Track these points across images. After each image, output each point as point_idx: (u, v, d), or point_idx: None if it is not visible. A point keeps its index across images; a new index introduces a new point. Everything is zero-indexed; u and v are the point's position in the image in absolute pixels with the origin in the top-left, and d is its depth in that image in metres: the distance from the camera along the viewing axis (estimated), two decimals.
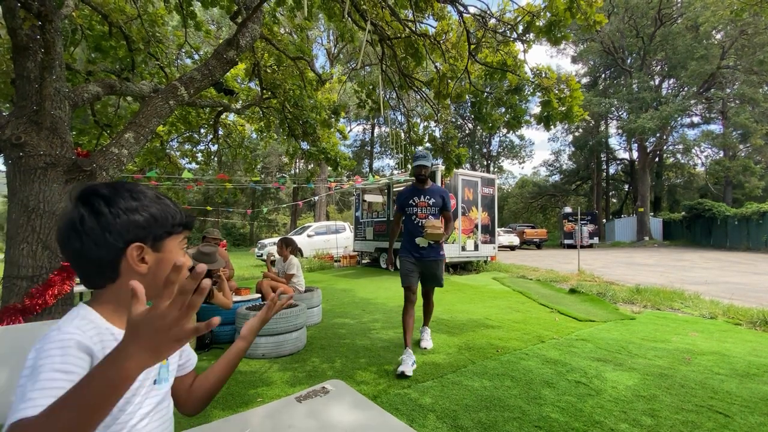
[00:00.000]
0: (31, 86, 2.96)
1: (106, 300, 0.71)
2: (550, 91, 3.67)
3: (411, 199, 3.39)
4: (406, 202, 3.40)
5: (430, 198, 3.37)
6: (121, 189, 0.70)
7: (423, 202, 3.36)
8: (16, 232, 2.72)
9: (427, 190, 3.39)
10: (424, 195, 3.38)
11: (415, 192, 3.41)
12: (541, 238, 23.55)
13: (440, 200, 3.38)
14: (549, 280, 8.05)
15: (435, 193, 3.40)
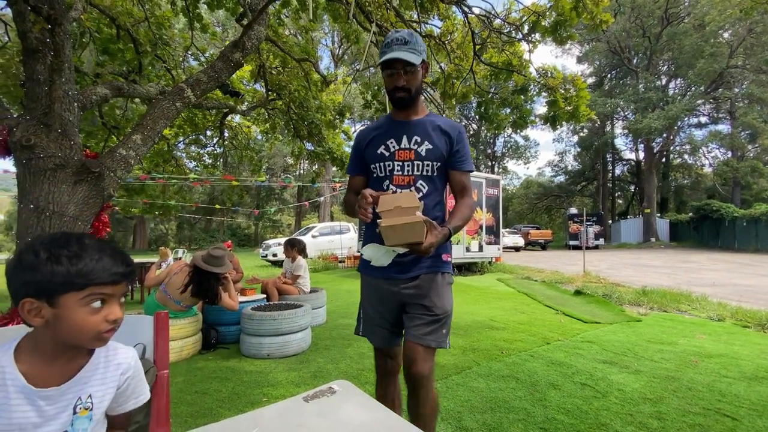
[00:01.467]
0: (40, 89, 3.00)
1: (27, 339, 0.75)
2: (557, 90, 3.66)
3: (381, 145, 1.52)
4: (372, 152, 1.53)
5: (423, 141, 1.49)
6: (38, 245, 0.71)
7: (405, 151, 1.49)
8: (27, 232, 2.76)
9: (415, 125, 1.52)
10: (409, 134, 1.50)
11: (391, 129, 1.53)
12: (546, 239, 23.47)
13: (444, 145, 1.50)
14: (554, 282, 8.01)
15: (432, 129, 1.51)
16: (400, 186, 1.48)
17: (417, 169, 1.48)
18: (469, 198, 1.54)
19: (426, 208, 1.45)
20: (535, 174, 43.29)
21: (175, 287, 3.24)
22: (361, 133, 1.62)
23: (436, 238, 1.30)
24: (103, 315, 0.71)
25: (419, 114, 1.53)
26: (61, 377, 0.76)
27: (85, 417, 0.77)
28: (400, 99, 1.45)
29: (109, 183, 3.01)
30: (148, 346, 1.10)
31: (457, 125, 1.55)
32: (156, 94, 4.10)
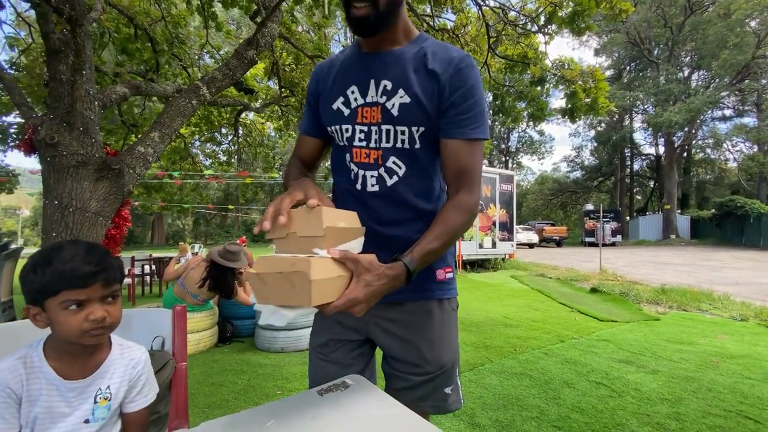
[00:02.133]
0: (63, 88, 3.09)
1: (50, 338, 0.80)
2: (575, 82, 3.58)
3: (339, 96, 0.91)
4: (326, 106, 0.93)
5: (395, 88, 0.85)
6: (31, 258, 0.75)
7: (370, 108, 0.87)
8: (51, 228, 2.85)
9: (388, 60, 0.88)
10: (377, 77, 0.87)
11: (355, 68, 0.91)
12: (561, 236, 23.11)
13: (432, 94, 0.84)
14: (569, 279, 7.89)
15: (415, 66, 0.86)
16: (363, 166, 0.89)
17: (386, 138, 0.86)
18: (468, 194, 0.84)
19: (402, 203, 0.89)
20: (550, 169, 42.62)
21: (193, 282, 3.32)
22: (317, 70, 1.00)
23: (368, 289, 0.67)
24: (83, 316, 0.73)
25: (399, 41, 0.88)
26: (84, 371, 0.80)
27: (104, 407, 0.80)
28: (360, 20, 0.79)
29: (128, 179, 3.09)
30: (167, 339, 1.14)
31: (458, 56, 0.85)
32: (173, 92, 4.17)
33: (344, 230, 0.71)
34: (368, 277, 0.68)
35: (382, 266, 0.71)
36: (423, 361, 0.90)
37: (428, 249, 0.77)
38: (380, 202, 0.90)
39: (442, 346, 0.91)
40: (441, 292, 0.93)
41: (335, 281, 0.64)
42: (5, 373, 0.73)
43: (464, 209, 0.83)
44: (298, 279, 0.59)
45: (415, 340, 0.90)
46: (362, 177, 0.90)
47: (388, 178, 0.89)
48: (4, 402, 0.72)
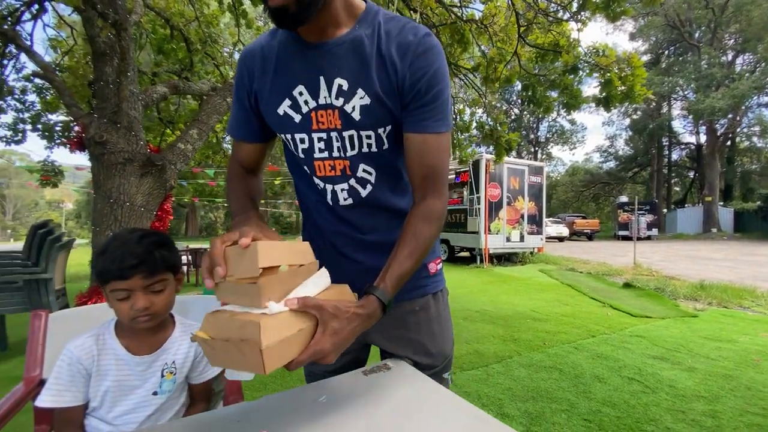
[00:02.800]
0: (109, 89, 3.29)
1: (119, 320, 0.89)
2: (610, 70, 3.46)
3: (285, 98, 0.75)
4: (270, 110, 0.78)
5: (353, 88, 0.72)
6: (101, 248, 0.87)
7: (326, 111, 0.74)
8: (101, 221, 3.07)
9: (335, 51, 0.72)
10: (328, 74, 0.73)
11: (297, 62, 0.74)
12: (592, 229, 22.37)
13: (392, 88, 0.72)
14: (601, 274, 7.68)
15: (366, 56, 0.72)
16: (328, 180, 0.81)
17: (350, 145, 0.76)
18: (436, 199, 0.76)
19: (379, 209, 0.83)
20: (582, 160, 41.10)
21: None
22: (245, 59, 0.81)
23: (336, 338, 0.59)
24: (129, 305, 0.81)
25: (343, 22, 0.73)
26: (151, 348, 0.89)
27: (170, 380, 0.90)
28: (278, 10, 0.63)
29: (170, 175, 3.27)
30: None
31: (416, 39, 0.72)
32: (208, 90, 4.34)
33: (293, 269, 0.59)
34: (335, 324, 0.59)
35: (352, 306, 0.62)
36: (428, 357, 0.88)
37: (402, 272, 0.69)
38: (356, 213, 0.82)
39: (443, 338, 0.91)
40: (434, 285, 0.91)
41: (296, 337, 0.55)
42: (78, 350, 0.83)
43: (434, 218, 0.75)
44: (247, 347, 0.50)
45: (417, 337, 0.87)
46: (331, 192, 0.81)
47: (362, 189, 0.80)
48: (75, 375, 0.82)
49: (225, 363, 0.54)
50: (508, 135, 4.48)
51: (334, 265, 0.71)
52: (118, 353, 0.86)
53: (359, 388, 0.70)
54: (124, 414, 0.85)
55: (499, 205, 9.55)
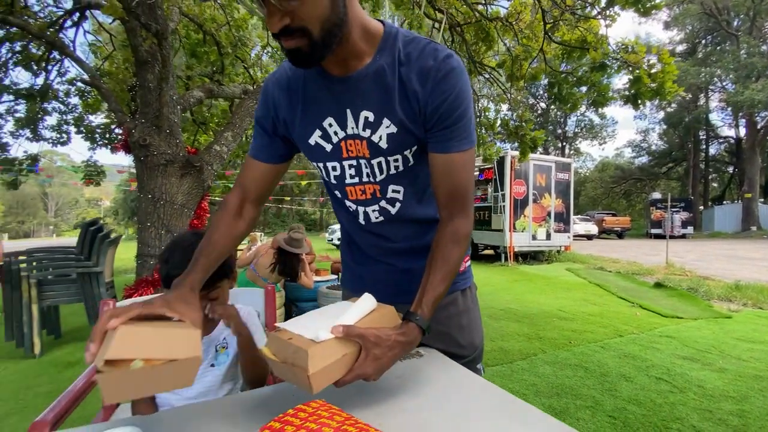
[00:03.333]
0: (151, 95, 3.51)
1: None
2: (639, 66, 3.38)
3: (315, 129, 0.80)
4: (302, 138, 0.82)
5: (379, 118, 0.76)
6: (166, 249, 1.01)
7: (354, 141, 0.79)
8: (146, 219, 3.29)
9: (360, 86, 0.75)
10: (354, 107, 0.76)
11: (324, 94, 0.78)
12: (623, 227, 21.64)
13: (416, 115, 0.75)
14: (631, 273, 7.49)
15: (389, 86, 0.74)
16: (360, 203, 0.87)
17: (379, 170, 0.81)
18: (464, 219, 0.79)
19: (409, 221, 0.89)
20: (613, 155, 39.71)
21: (264, 267, 3.65)
22: (273, 89, 0.83)
23: (377, 363, 0.65)
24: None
25: (363, 52, 0.74)
26: (206, 331, 1.01)
27: (223, 353, 1.02)
28: (293, 52, 0.65)
29: (207, 175, 3.47)
30: (261, 313, 1.36)
31: (436, 64, 0.73)
32: (240, 93, 4.53)
33: (162, 366, 0.52)
34: (377, 351, 0.64)
35: (393, 334, 0.67)
36: (459, 348, 0.94)
37: (436, 296, 0.73)
38: (387, 227, 0.89)
39: (472, 330, 0.96)
40: (463, 282, 0.97)
41: (340, 361, 0.62)
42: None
43: (462, 239, 0.78)
44: (299, 370, 0.58)
45: (447, 330, 0.93)
46: (363, 213, 0.87)
47: (391, 208, 0.86)
48: None
49: (284, 377, 0.64)
50: (533, 133, 4.45)
51: (372, 269, 0.79)
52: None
53: (396, 371, 0.79)
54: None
55: (524, 202, 9.43)
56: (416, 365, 0.83)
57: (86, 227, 3.28)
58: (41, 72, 6.27)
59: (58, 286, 3.18)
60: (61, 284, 3.20)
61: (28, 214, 55.63)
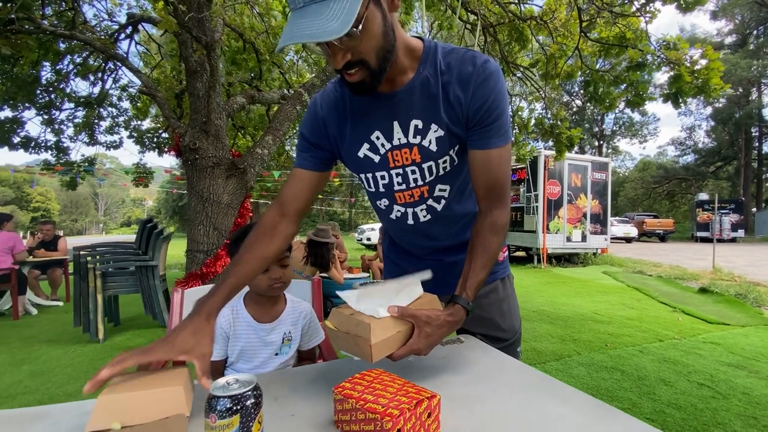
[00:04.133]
0: (200, 102, 3.77)
1: (248, 293, 1.15)
2: (680, 64, 3.26)
3: (363, 143, 0.89)
4: (350, 154, 0.91)
5: (428, 124, 0.84)
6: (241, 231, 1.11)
7: (403, 151, 0.87)
8: (195, 217, 3.54)
9: (408, 99, 0.83)
10: (403, 119, 0.85)
11: (371, 111, 0.86)
12: (665, 230, 20.54)
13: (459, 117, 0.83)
14: (674, 278, 7.16)
15: (434, 95, 0.83)
16: (408, 204, 0.94)
17: (429, 173, 0.89)
18: (501, 210, 0.86)
19: (454, 217, 0.96)
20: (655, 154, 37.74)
21: (297, 261, 3.84)
22: (320, 108, 0.91)
23: (429, 340, 0.73)
24: (267, 276, 1.06)
25: (408, 68, 0.82)
26: (271, 317, 1.13)
27: (287, 345, 1.14)
28: (356, 84, 0.75)
29: (250, 177, 3.68)
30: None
31: (475, 70, 0.80)
32: (278, 98, 4.75)
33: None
34: (428, 329, 0.73)
35: (442, 315, 0.75)
36: (501, 332, 1.03)
37: (478, 281, 0.81)
38: (433, 226, 0.96)
39: (512, 316, 1.06)
40: (502, 271, 1.08)
41: (395, 336, 0.70)
42: (220, 318, 1.07)
43: (500, 229, 0.85)
44: (361, 341, 0.67)
45: (490, 316, 1.03)
46: (412, 213, 0.95)
47: (438, 205, 0.94)
48: (219, 336, 1.09)
49: (344, 348, 0.73)
50: (569, 131, 4.37)
51: (419, 264, 0.88)
52: (248, 321, 1.11)
53: (439, 353, 0.88)
54: (252, 369, 1.11)
55: (558, 203, 9.21)
56: (458, 349, 0.91)
57: (144, 224, 3.58)
58: (98, 81, 6.80)
59: (118, 277, 3.49)
60: (121, 276, 3.50)
61: (81, 213, 59.75)
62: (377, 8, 0.69)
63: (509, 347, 1.02)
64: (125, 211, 71.07)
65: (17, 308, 4.33)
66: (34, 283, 4.91)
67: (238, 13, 6.45)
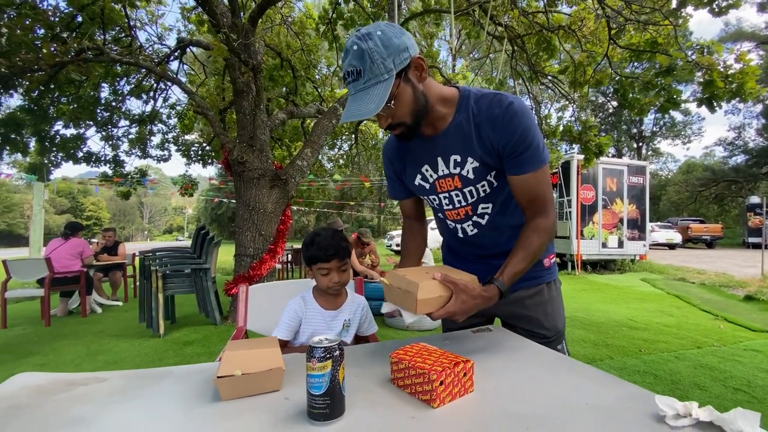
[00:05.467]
0: (246, 119, 4.12)
1: (315, 286, 1.36)
2: (713, 69, 3.25)
3: (417, 174, 1.15)
4: (410, 182, 1.20)
5: (465, 158, 1.05)
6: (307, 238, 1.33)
7: (447, 180, 1.10)
8: (243, 224, 3.87)
9: (447, 140, 1.06)
10: (444, 155, 1.08)
11: (421, 150, 1.12)
12: (713, 235, 19.37)
13: (492, 150, 1.02)
14: (718, 285, 6.87)
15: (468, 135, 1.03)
16: (457, 221, 1.17)
17: (470, 196, 1.09)
18: (544, 218, 1.01)
19: (498, 229, 1.13)
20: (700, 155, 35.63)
21: None
22: (387, 152, 1.22)
23: (463, 306, 0.89)
24: (328, 279, 1.26)
25: (444, 114, 1.02)
26: (334, 306, 1.34)
27: (346, 330, 1.34)
28: (402, 137, 1.01)
29: (291, 186, 3.97)
30: None
31: (500, 111, 0.97)
32: (314, 113, 5.06)
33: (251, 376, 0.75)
34: (464, 296, 0.89)
35: (479, 288, 0.91)
36: (543, 330, 1.17)
37: (515, 271, 0.96)
38: (480, 237, 1.15)
39: (555, 317, 1.19)
40: (548, 275, 1.20)
41: (437, 299, 0.88)
42: (295, 304, 1.31)
43: (542, 230, 1.00)
44: (410, 295, 0.86)
45: (533, 315, 1.16)
46: (461, 228, 1.17)
47: (482, 221, 1.13)
48: (293, 320, 1.30)
49: (394, 301, 0.94)
50: (597, 139, 4.39)
51: (469, 268, 1.04)
52: (316, 309, 1.33)
53: (470, 339, 1.06)
54: None
55: (593, 208, 9.03)
56: (497, 340, 1.05)
57: (198, 231, 3.95)
58: (149, 100, 7.42)
59: (176, 279, 3.86)
60: (178, 278, 3.87)
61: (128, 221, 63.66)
62: (407, 84, 0.91)
63: (550, 344, 1.12)
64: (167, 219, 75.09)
65: (85, 307, 4.83)
66: (97, 284, 5.44)
67: (275, 33, 6.89)
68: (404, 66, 0.89)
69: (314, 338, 0.68)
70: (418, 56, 0.92)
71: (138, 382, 0.84)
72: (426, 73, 0.95)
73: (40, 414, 0.69)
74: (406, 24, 6.82)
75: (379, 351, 1.00)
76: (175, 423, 0.67)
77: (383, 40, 0.86)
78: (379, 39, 0.86)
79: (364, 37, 0.87)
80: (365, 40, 0.86)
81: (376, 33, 0.87)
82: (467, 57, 24.99)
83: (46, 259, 4.36)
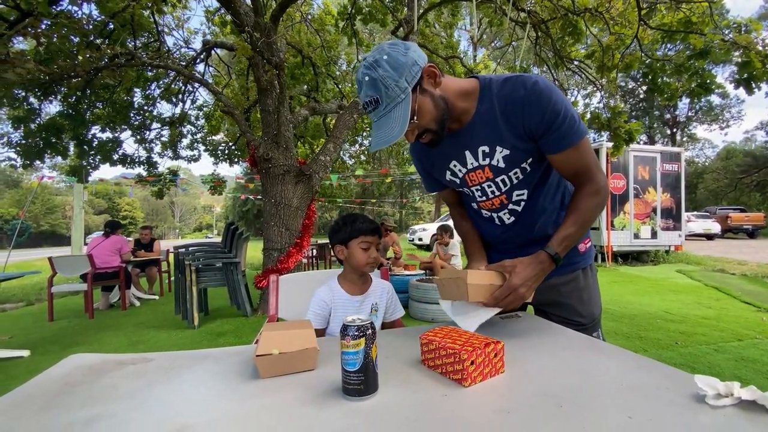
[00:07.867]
0: (271, 117, 4.20)
1: (341, 273, 1.39)
2: (751, 49, 3.05)
3: (446, 170, 1.16)
4: (442, 178, 1.20)
5: (494, 147, 1.03)
6: (340, 221, 1.36)
7: (477, 172, 1.10)
8: (270, 219, 3.97)
9: (472, 131, 1.04)
10: (472, 147, 1.06)
11: (447, 146, 1.09)
12: (755, 225, 18.29)
13: (522, 134, 0.99)
14: (761, 276, 6.50)
15: (495, 123, 1.00)
16: (492, 210, 1.15)
17: (504, 185, 1.07)
18: (591, 184, 0.99)
19: (536, 213, 1.11)
20: (741, 140, 33.62)
21: None
22: (415, 151, 1.23)
23: (519, 276, 0.93)
24: (367, 254, 1.30)
25: (470, 110, 1.00)
26: (361, 292, 1.37)
27: (374, 315, 1.37)
28: (432, 143, 1.01)
29: (315, 182, 4.04)
30: None
31: (525, 92, 0.94)
32: (336, 108, 5.11)
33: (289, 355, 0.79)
34: (518, 268, 0.92)
35: (526, 258, 0.95)
36: (579, 317, 1.14)
37: (566, 234, 0.96)
38: (518, 223, 1.13)
39: (591, 303, 1.16)
40: (584, 261, 1.18)
41: (488, 286, 0.93)
42: (323, 293, 1.35)
43: (592, 193, 0.99)
44: (461, 283, 0.91)
45: (569, 302, 1.14)
46: (497, 217, 1.16)
47: (518, 208, 1.11)
48: (323, 309, 1.33)
49: (447, 295, 0.98)
50: (627, 125, 4.22)
51: (505, 256, 1.05)
52: (343, 295, 1.36)
53: (499, 324, 1.06)
54: None
55: (624, 197, 8.71)
56: (528, 326, 1.05)
57: (228, 227, 4.09)
58: (178, 103, 7.68)
59: (208, 273, 4.02)
60: (211, 271, 4.02)
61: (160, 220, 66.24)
62: (425, 95, 0.92)
63: (585, 331, 1.10)
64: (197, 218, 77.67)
65: (125, 300, 5.09)
66: (135, 279, 5.72)
67: (296, 31, 6.97)
68: (417, 79, 0.90)
69: (347, 317, 0.71)
70: (428, 65, 0.92)
71: (181, 362, 0.89)
72: (440, 76, 0.95)
73: (95, 390, 0.74)
74: (424, 16, 6.74)
75: (408, 335, 1.02)
76: (219, 397, 0.71)
77: (391, 63, 0.87)
78: (387, 63, 0.87)
79: (373, 65, 0.88)
80: (374, 68, 0.88)
81: (382, 58, 0.88)
82: (489, 46, 24.44)
83: (88, 255, 4.62)
